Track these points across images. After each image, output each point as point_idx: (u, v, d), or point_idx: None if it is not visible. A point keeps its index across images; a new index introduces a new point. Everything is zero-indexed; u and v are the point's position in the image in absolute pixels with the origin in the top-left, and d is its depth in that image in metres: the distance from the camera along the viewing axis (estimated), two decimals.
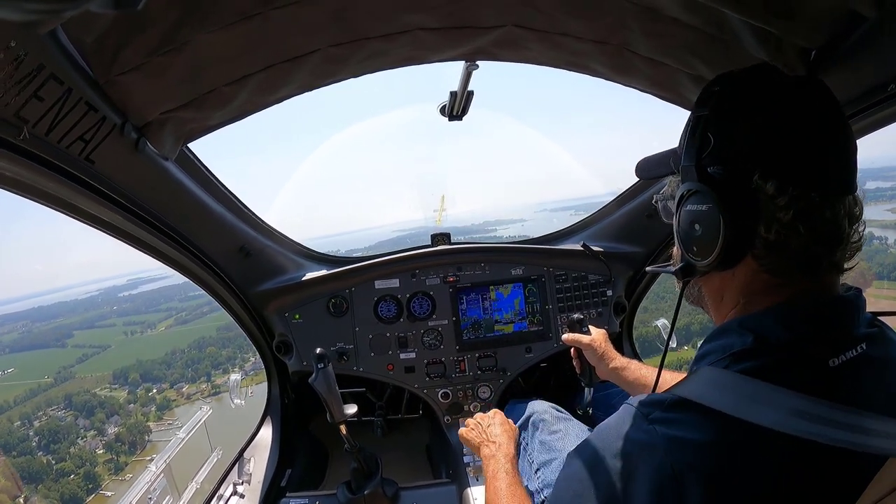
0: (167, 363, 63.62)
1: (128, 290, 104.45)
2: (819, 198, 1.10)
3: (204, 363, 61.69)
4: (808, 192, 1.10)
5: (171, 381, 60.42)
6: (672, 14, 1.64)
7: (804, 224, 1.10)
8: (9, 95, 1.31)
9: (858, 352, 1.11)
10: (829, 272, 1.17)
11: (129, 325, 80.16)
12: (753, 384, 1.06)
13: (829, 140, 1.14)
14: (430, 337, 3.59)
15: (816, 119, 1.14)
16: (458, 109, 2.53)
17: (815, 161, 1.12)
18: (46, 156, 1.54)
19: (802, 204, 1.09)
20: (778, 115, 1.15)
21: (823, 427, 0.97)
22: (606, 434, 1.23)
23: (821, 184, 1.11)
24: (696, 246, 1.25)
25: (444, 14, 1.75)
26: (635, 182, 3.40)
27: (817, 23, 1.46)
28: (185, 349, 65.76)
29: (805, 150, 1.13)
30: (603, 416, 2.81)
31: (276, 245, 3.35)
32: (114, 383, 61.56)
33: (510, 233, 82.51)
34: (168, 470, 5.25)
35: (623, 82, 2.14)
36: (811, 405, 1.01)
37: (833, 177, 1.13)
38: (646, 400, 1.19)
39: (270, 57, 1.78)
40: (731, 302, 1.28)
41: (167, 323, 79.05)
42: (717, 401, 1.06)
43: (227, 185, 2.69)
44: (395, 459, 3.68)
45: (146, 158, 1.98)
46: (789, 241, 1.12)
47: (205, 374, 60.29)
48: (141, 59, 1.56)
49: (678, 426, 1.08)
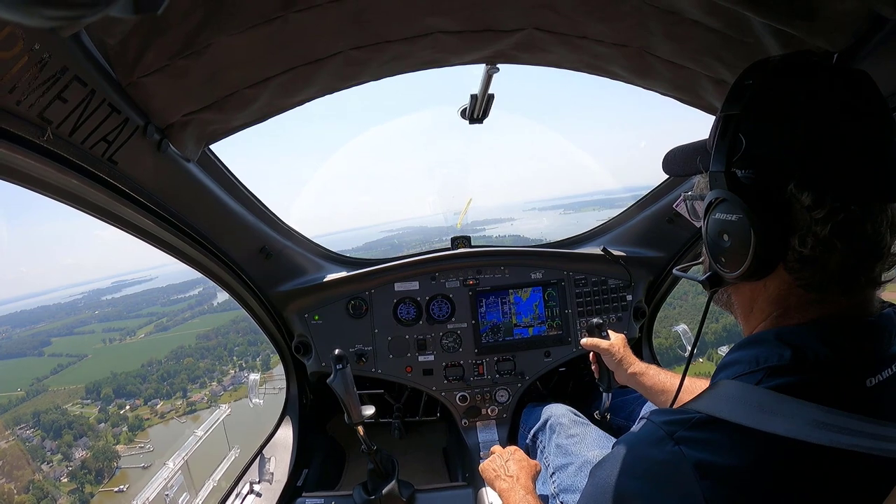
0: (142, 376, 59.99)
1: (111, 293, 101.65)
2: (860, 210, 1.03)
3: (180, 376, 58.31)
4: (849, 204, 1.02)
5: (146, 397, 56.49)
6: (693, 17, 1.62)
7: (842, 240, 1.03)
8: (33, 97, 1.33)
9: (893, 371, 1.07)
10: (867, 287, 1.11)
11: (109, 332, 76.33)
12: (781, 399, 1.02)
13: (873, 144, 1.06)
14: (449, 340, 3.58)
15: (861, 120, 1.06)
16: (479, 112, 2.54)
17: (858, 169, 1.05)
18: (70, 156, 1.56)
19: (842, 217, 1.02)
20: (818, 116, 1.07)
21: (848, 437, 0.94)
22: (628, 452, 1.19)
23: (862, 194, 1.04)
24: (725, 257, 1.19)
25: (465, 17, 1.75)
26: (656, 186, 3.38)
27: (839, 25, 1.44)
28: (163, 360, 62.36)
29: (847, 156, 1.05)
30: (621, 421, 2.80)
31: (295, 246, 3.37)
32: (86, 398, 57.24)
33: (499, 232, 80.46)
34: (185, 467, 5.31)
35: (643, 85, 2.13)
36: (834, 417, 0.97)
37: (876, 185, 1.05)
38: (669, 417, 1.13)
39: (291, 60, 1.79)
40: (763, 313, 1.22)
41: (147, 329, 75.68)
42: (746, 418, 1.01)
43: (247, 186, 2.70)
44: (411, 461, 3.70)
45: (168, 159, 2.00)
46: (825, 256, 1.06)
47: (181, 390, 56.72)
48: (163, 61, 1.58)
49: (707, 448, 1.03)
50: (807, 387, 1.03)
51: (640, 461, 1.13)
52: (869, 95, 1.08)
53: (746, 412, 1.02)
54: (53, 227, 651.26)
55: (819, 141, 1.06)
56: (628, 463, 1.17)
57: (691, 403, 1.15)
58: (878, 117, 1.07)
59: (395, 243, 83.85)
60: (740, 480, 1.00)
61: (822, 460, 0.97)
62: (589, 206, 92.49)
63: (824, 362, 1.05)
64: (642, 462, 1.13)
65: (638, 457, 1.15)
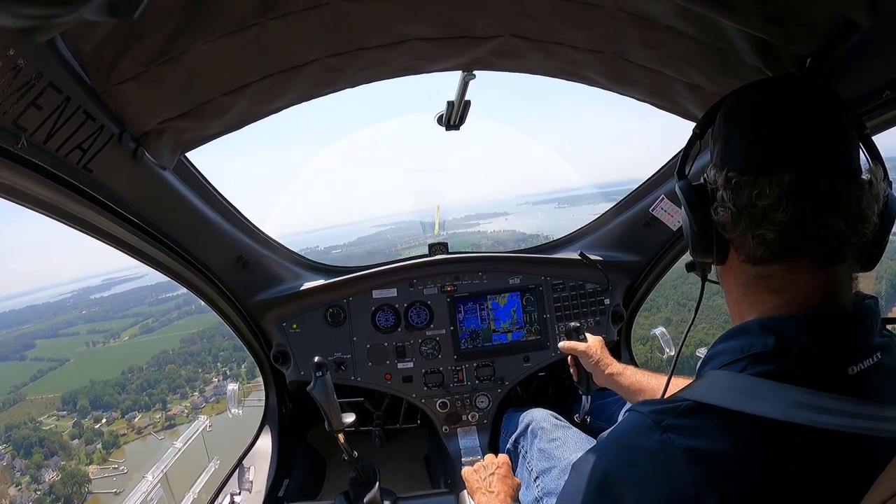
0: (122, 385, 56.85)
1: (100, 291, 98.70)
2: (750, 179, 1.15)
3: (161, 385, 55.88)
4: (742, 175, 1.16)
5: (123, 410, 53.23)
6: (667, 23, 1.65)
7: (735, 204, 1.17)
8: (7, 103, 1.31)
9: (874, 361, 1.10)
10: (817, 268, 1.15)
11: (93, 334, 73.39)
12: (765, 384, 1.05)
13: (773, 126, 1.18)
14: (428, 346, 3.58)
15: (788, 109, 1.18)
16: (455, 119, 2.54)
17: (749, 148, 1.20)
18: (44, 164, 1.54)
19: (733, 183, 1.18)
20: (739, 114, 1.25)
21: (831, 416, 0.97)
22: (614, 443, 1.21)
23: (758, 167, 1.15)
24: (690, 243, 1.36)
25: (441, 24, 1.76)
26: (632, 191, 3.41)
27: (811, 30, 1.47)
28: (144, 367, 59.66)
29: (743, 139, 1.21)
30: (602, 424, 2.83)
31: (273, 255, 3.35)
32: (62, 409, 54.54)
33: (493, 227, 79.43)
34: (164, 480, 5.23)
35: (620, 91, 2.15)
36: (819, 398, 1.00)
37: (759, 161, 1.17)
38: (655, 406, 1.15)
39: (268, 67, 1.79)
40: (731, 294, 1.32)
41: (132, 332, 73.12)
42: (732, 402, 1.04)
43: (224, 194, 2.69)
44: (393, 469, 3.67)
45: (144, 167, 1.99)
46: (740, 225, 1.19)
47: (160, 401, 54.30)
48: (139, 68, 1.57)
49: (695, 434, 1.05)
50: (790, 373, 1.06)
51: (628, 450, 1.14)
52: (811, 93, 1.20)
53: (732, 397, 1.06)
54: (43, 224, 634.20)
55: (731, 132, 1.24)
56: (615, 453, 1.18)
57: (678, 393, 1.17)
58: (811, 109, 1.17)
59: (388, 238, 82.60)
60: (729, 465, 1.01)
61: (809, 442, 0.99)
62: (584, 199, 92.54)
63: (806, 350, 1.09)
64: (630, 451, 1.14)
65: (625, 446, 1.16)
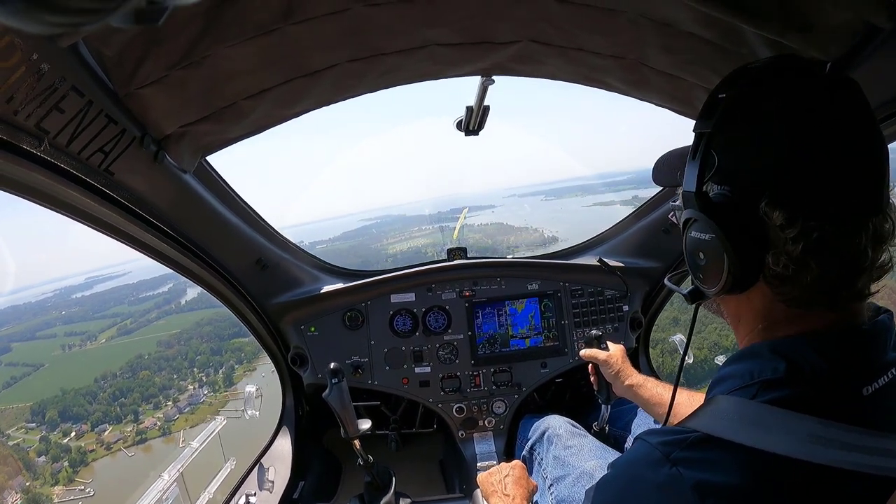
0: (93, 394, 53.57)
1: (83, 290, 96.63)
2: (834, 228, 1.01)
3: (134, 394, 52.59)
4: (822, 223, 1.00)
5: (94, 422, 49.77)
6: (688, 29, 1.64)
7: (816, 258, 1.01)
8: (30, 107, 1.33)
9: (889, 378, 1.06)
10: (852, 301, 1.10)
11: (70, 336, 70.49)
12: (776, 414, 1.01)
13: (853, 156, 1.03)
14: (446, 351, 3.57)
15: (839, 130, 1.03)
16: (474, 124, 2.54)
17: (833, 185, 1.02)
18: (67, 167, 1.55)
19: (815, 236, 1.01)
20: (792, 127, 1.05)
21: (841, 451, 0.94)
22: (623, 474, 1.19)
23: (839, 212, 1.02)
24: (703, 274, 1.21)
25: (461, 29, 1.75)
26: (652, 196, 3.39)
27: (833, 35, 1.44)
28: (118, 373, 56.75)
29: (820, 171, 1.02)
30: (618, 431, 2.80)
31: (292, 257, 3.36)
32: (31, 421, 51.10)
33: (481, 220, 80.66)
34: (181, 479, 5.28)
35: (639, 97, 2.14)
36: (830, 430, 0.96)
37: (855, 199, 1.03)
38: (664, 438, 1.11)
39: (289, 71, 1.79)
40: (749, 325, 1.22)
41: (109, 333, 70.37)
42: (743, 435, 1.00)
43: (244, 197, 2.70)
44: (408, 473, 3.67)
45: (165, 171, 2.00)
46: (801, 274, 1.04)
47: (132, 412, 50.81)
48: (161, 72, 1.58)
49: (705, 468, 1.01)
50: (802, 399, 1.02)
51: (637, 484, 1.12)
52: (851, 104, 1.06)
53: (742, 429, 1.01)
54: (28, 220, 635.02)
55: (791, 156, 1.04)
56: (625, 486, 1.16)
57: (687, 421, 1.13)
58: (859, 128, 1.05)
59: (374, 232, 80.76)
60: (741, 499, 0.99)
61: (822, 476, 0.96)
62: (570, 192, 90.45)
63: (819, 374, 1.04)
64: (639, 485, 1.11)
65: (635, 480, 1.14)
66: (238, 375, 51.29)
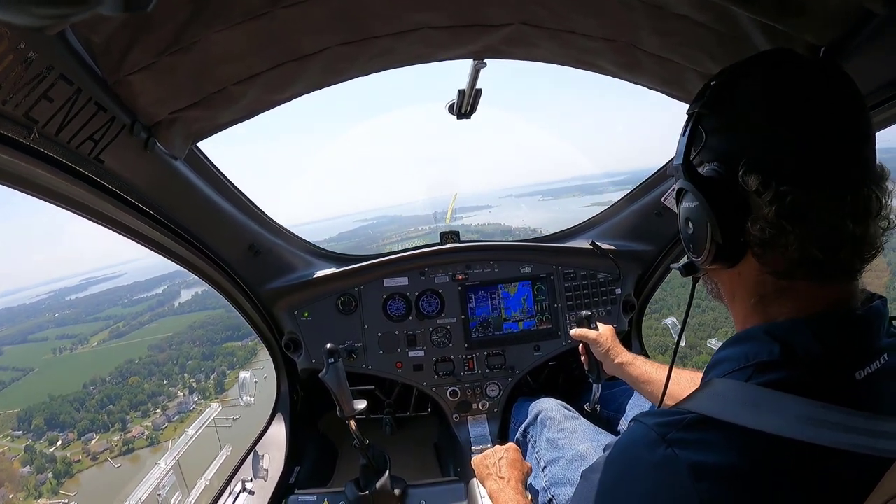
0: (81, 401, 51.97)
1: (77, 292, 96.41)
2: (807, 196, 1.04)
3: (122, 401, 50.92)
4: (795, 188, 1.04)
5: (80, 430, 48.00)
6: (681, 11, 1.63)
7: (790, 222, 1.05)
8: (19, 96, 1.32)
9: (882, 363, 1.08)
10: (841, 278, 1.11)
11: (62, 339, 69.65)
12: (770, 396, 1.02)
13: (826, 129, 1.06)
14: (439, 335, 3.59)
15: (814, 106, 1.08)
16: (466, 108, 2.53)
17: (806, 155, 1.06)
18: (56, 155, 1.54)
19: (789, 199, 1.04)
20: (769, 104, 1.11)
21: (837, 433, 0.95)
22: (619, 456, 1.19)
23: (810, 180, 1.05)
24: (692, 244, 1.26)
25: (453, 12, 1.74)
26: (644, 180, 3.39)
27: (827, 19, 1.45)
28: (107, 378, 55.40)
29: (794, 140, 1.07)
30: (611, 413, 2.83)
31: (285, 243, 3.36)
32: (17, 429, 49.48)
33: (478, 220, 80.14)
34: (177, 466, 5.29)
35: (631, 79, 2.13)
36: (823, 412, 0.98)
37: (827, 171, 1.06)
38: (660, 418, 1.12)
39: (279, 56, 1.78)
40: (743, 301, 1.24)
41: (101, 337, 69.31)
42: (739, 416, 1.01)
43: (235, 183, 2.69)
44: (403, 457, 3.69)
45: (156, 157, 1.99)
46: (781, 240, 1.07)
47: (119, 420, 49.22)
48: (150, 58, 1.57)
49: (700, 448, 1.02)
50: (796, 382, 1.04)
51: (633, 465, 1.13)
52: (830, 85, 1.10)
53: (737, 410, 1.03)
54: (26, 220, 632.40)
55: (766, 127, 1.10)
56: (621, 467, 1.17)
57: (683, 403, 1.15)
58: (835, 104, 1.08)
59: (370, 233, 79.69)
60: (736, 480, 0.99)
61: (816, 457, 0.97)
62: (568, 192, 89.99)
63: (813, 357, 1.06)
64: (635, 466, 1.12)
65: (630, 460, 1.15)
66: (230, 382, 50.35)
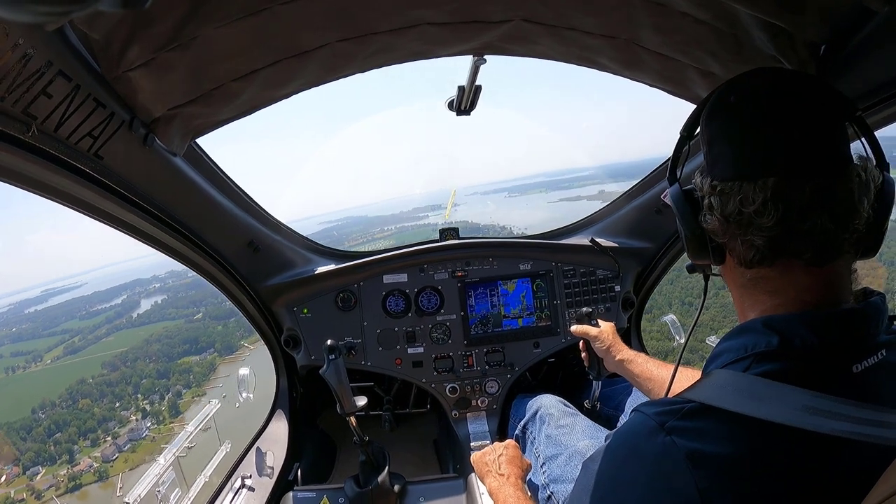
0: (28, 429, 48.48)
1: (37, 304, 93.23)
2: (727, 186, 1.17)
3: (70, 428, 47.87)
4: (726, 182, 1.18)
5: (24, 464, 45.00)
6: (682, 9, 1.63)
7: (722, 211, 1.19)
8: (17, 92, 1.32)
9: (879, 358, 1.09)
10: (810, 266, 1.15)
11: (16, 357, 66.25)
12: (770, 385, 1.04)
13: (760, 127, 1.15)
14: (439, 331, 3.59)
15: (751, 109, 1.18)
16: (466, 104, 2.53)
17: (731, 153, 1.19)
18: (55, 152, 1.54)
19: (718, 190, 1.19)
20: (722, 117, 1.24)
21: (835, 421, 0.96)
22: (619, 444, 1.21)
23: (741, 173, 1.16)
24: (685, 245, 1.38)
25: (452, 9, 1.74)
26: (643, 177, 3.39)
27: (827, 18, 1.45)
28: (57, 401, 52.47)
29: (727, 143, 1.20)
30: (610, 411, 2.83)
31: (284, 240, 3.36)
32: None
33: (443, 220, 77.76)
34: (176, 463, 5.29)
35: (631, 77, 2.13)
36: (824, 402, 0.99)
37: (741, 166, 1.16)
38: (660, 407, 1.14)
39: (278, 52, 1.77)
40: (735, 294, 1.33)
41: (55, 353, 66.50)
42: (737, 404, 1.03)
43: (235, 179, 2.69)
44: (402, 453, 3.71)
45: (155, 154, 1.99)
46: (726, 228, 1.21)
47: (67, 451, 46.11)
48: (149, 55, 1.56)
49: (699, 437, 1.04)
50: (794, 372, 1.06)
51: (633, 453, 1.14)
52: (790, 91, 1.17)
53: (736, 399, 1.04)
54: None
55: (713, 137, 1.25)
56: (621, 456, 1.18)
57: (683, 393, 1.17)
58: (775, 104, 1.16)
59: (335, 235, 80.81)
60: (735, 468, 1.00)
61: (813, 445, 0.98)
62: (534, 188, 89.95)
63: (811, 349, 1.08)
64: (634, 454, 1.13)
65: (630, 449, 1.16)
66: (185, 403, 49.33)
